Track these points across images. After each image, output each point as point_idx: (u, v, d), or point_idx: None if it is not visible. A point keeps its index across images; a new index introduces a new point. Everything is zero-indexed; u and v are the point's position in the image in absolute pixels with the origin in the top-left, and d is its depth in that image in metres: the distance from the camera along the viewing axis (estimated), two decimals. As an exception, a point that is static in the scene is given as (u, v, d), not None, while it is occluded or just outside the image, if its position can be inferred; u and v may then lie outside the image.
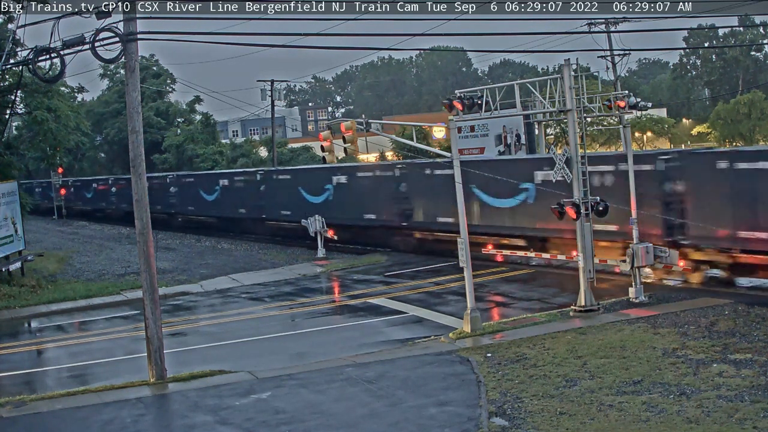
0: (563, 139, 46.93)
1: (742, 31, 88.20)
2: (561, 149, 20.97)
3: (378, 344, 19.12)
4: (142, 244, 16.99)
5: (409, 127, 39.33)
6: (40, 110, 32.37)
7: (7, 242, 29.43)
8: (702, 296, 21.08)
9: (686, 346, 16.21)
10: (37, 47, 16.90)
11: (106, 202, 61.00)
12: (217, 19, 19.03)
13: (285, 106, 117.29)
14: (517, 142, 40.77)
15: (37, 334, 24.63)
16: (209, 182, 47.86)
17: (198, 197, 48.14)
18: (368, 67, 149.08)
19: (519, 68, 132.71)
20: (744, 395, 13.10)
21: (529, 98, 24.89)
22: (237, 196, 44.40)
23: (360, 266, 31.44)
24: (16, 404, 15.72)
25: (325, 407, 14.28)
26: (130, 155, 17.08)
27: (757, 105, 68.63)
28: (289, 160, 64.04)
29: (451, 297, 23.99)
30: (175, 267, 34.13)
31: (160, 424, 14.78)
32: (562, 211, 20.08)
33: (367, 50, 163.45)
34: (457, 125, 20.64)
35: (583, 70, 22.38)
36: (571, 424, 12.48)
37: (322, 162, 24.31)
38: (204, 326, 23.14)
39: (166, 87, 74.95)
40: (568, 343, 17.22)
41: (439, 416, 13.34)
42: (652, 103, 31.31)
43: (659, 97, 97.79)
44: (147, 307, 16.97)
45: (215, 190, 46.60)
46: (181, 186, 50.95)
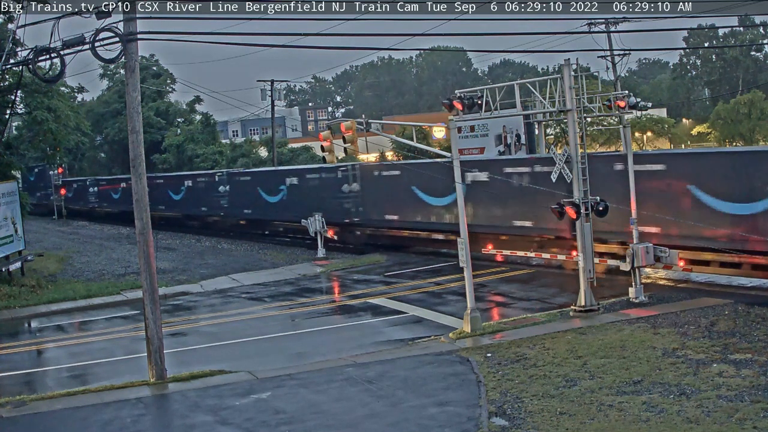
0: (563, 139, 46.94)
1: (742, 31, 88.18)
2: (561, 149, 20.95)
3: (378, 344, 19.12)
4: (142, 244, 17.00)
5: (409, 127, 39.33)
6: (40, 110, 32.41)
7: (7, 242, 29.43)
8: (702, 296, 21.08)
9: (686, 346, 16.21)
10: (37, 47, 16.92)
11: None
12: (217, 19, 19.03)
13: (285, 106, 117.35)
14: (517, 142, 40.76)
15: (37, 334, 24.62)
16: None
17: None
18: (368, 67, 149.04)
19: (519, 68, 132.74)
20: (744, 395, 13.10)
21: (529, 98, 24.87)
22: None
23: (360, 266, 31.44)
24: (16, 404, 15.72)
25: (325, 407, 14.28)
26: (130, 155, 17.09)
27: (757, 105, 68.65)
28: (289, 160, 64.07)
29: (451, 297, 23.99)
30: (175, 267, 34.13)
31: (160, 424, 14.78)
32: (561, 211, 20.08)
33: (367, 50, 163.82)
34: (457, 125, 20.64)
35: (583, 70, 22.35)
36: (571, 424, 12.48)
37: (322, 162, 24.37)
38: (204, 326, 23.13)
39: (166, 87, 74.96)
40: (568, 343, 17.22)
41: (439, 416, 13.34)
42: (652, 103, 31.36)
43: (659, 97, 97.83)
44: (147, 307, 16.97)
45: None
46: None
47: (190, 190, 49.03)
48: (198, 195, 48.31)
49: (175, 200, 50.92)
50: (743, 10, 37.28)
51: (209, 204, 47.02)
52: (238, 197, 44.27)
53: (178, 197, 50.46)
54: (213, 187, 46.21)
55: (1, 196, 29.04)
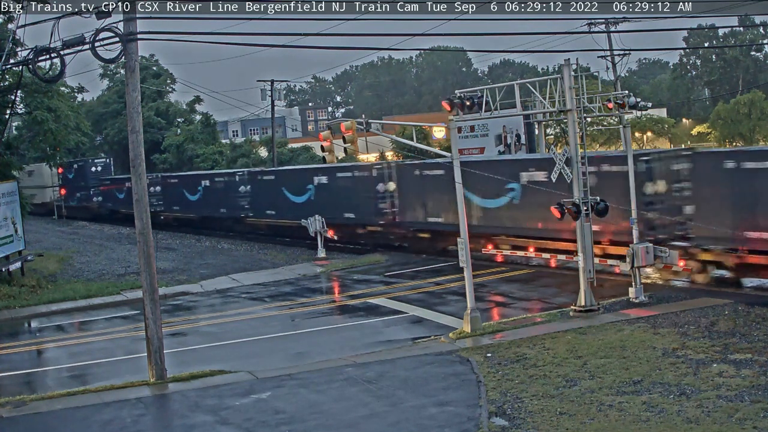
0: (563, 139, 46.93)
1: (742, 31, 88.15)
2: (561, 149, 20.96)
3: (378, 344, 19.12)
4: (142, 244, 17.00)
5: (409, 127, 39.31)
6: (40, 110, 32.40)
7: (7, 242, 29.42)
8: (702, 296, 21.08)
9: (686, 346, 16.21)
10: (37, 47, 16.92)
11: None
12: (217, 19, 19.06)
13: (285, 106, 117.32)
14: (517, 142, 40.82)
15: (37, 334, 24.62)
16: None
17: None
18: (368, 67, 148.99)
19: (519, 68, 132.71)
20: (744, 395, 13.10)
21: (529, 98, 24.88)
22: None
23: (360, 266, 31.43)
24: (16, 404, 15.71)
25: (325, 407, 14.28)
26: (130, 155, 17.10)
27: (757, 105, 68.59)
28: (289, 160, 64.07)
29: (451, 297, 23.98)
30: (175, 267, 34.13)
31: (160, 424, 14.78)
32: (562, 211, 20.08)
33: (367, 50, 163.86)
34: (457, 125, 20.65)
35: (583, 70, 22.35)
36: (571, 424, 12.47)
37: (323, 162, 24.34)
38: (204, 326, 23.13)
39: (166, 87, 74.95)
40: (568, 343, 17.22)
41: (439, 416, 13.34)
42: (652, 103, 31.37)
43: (659, 97, 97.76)
44: (147, 307, 16.97)
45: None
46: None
47: (323, 189, 39.35)
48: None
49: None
50: (743, 10, 37.29)
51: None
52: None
53: (302, 199, 41.36)
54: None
55: (1, 196, 29.04)
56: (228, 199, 44.75)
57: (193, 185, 49.11)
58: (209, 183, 47.57)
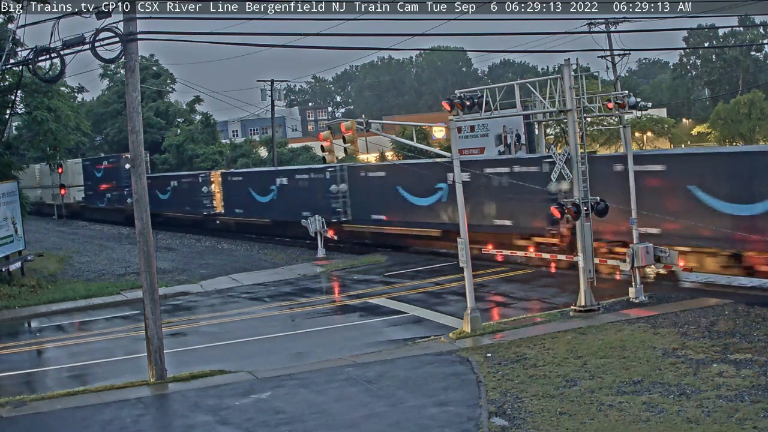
0: (563, 139, 46.92)
1: (742, 31, 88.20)
2: (561, 149, 20.96)
3: (378, 344, 19.12)
4: (142, 244, 17.00)
5: (409, 127, 39.33)
6: (40, 110, 32.39)
7: (7, 242, 29.42)
8: (702, 296, 21.08)
9: (686, 346, 16.21)
10: (37, 47, 16.92)
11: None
12: (217, 19, 19.06)
13: (285, 106, 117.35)
14: (517, 142, 40.81)
15: (37, 334, 24.63)
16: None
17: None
18: (368, 67, 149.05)
19: (519, 68, 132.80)
20: (744, 395, 13.10)
21: (529, 98, 24.87)
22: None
23: (360, 266, 31.43)
24: (16, 404, 15.72)
25: (325, 407, 14.28)
26: (130, 155, 17.10)
27: (757, 105, 68.65)
28: (289, 160, 64.09)
29: (451, 297, 23.99)
30: (175, 267, 34.13)
31: (160, 424, 14.78)
32: (562, 211, 20.08)
33: (367, 50, 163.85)
34: (457, 125, 20.64)
35: (583, 70, 22.34)
36: (571, 424, 12.48)
37: (323, 162, 24.35)
38: (204, 326, 23.13)
39: (166, 87, 74.91)
40: (568, 343, 17.22)
41: (439, 416, 13.34)
42: (652, 103, 31.30)
43: (659, 97, 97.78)
44: (147, 307, 16.97)
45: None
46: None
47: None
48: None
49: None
50: (743, 10, 37.29)
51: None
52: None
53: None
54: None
55: (1, 196, 29.04)
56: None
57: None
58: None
